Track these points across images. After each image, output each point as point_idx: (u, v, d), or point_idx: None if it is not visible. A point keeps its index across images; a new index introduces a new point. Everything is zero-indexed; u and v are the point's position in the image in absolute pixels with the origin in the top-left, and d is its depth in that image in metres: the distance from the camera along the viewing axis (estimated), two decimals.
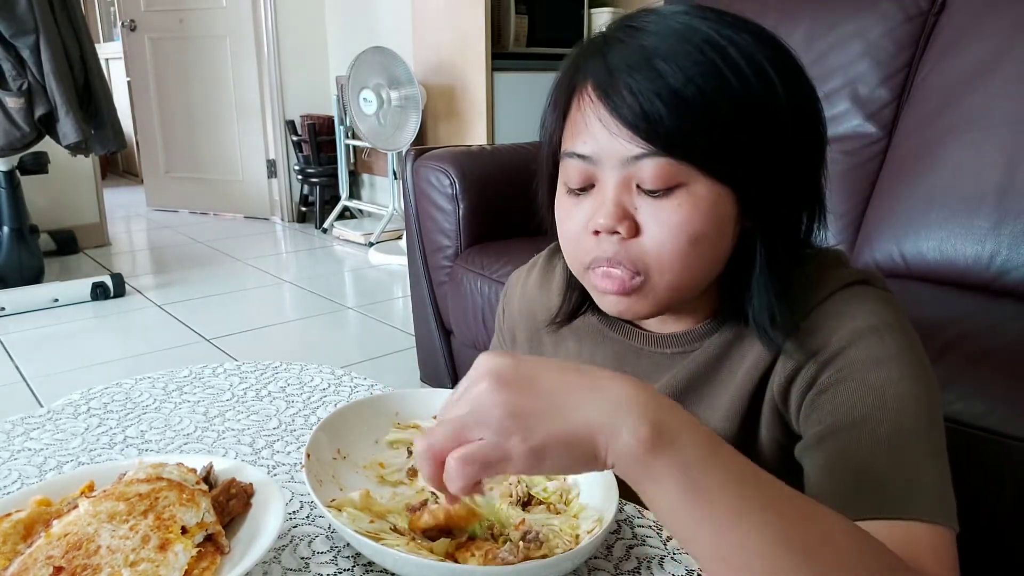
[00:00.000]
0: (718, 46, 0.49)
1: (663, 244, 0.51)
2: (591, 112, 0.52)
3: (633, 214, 0.52)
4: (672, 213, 0.51)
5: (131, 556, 0.46)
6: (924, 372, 0.51)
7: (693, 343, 0.60)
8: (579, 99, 0.53)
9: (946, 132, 1.32)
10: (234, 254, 3.53)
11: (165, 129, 4.43)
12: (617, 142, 0.50)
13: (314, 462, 0.60)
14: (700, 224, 0.51)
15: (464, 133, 3.35)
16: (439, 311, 1.72)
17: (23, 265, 2.76)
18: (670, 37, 0.50)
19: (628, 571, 0.53)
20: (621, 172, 0.51)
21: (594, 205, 0.53)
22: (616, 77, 0.50)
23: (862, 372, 0.51)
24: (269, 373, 0.88)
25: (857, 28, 1.49)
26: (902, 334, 0.52)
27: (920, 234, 1.30)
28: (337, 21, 4.11)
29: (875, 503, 0.46)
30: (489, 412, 0.38)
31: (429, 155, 1.67)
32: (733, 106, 0.49)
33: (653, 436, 0.38)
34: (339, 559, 0.54)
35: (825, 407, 0.51)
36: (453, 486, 0.38)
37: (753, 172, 0.51)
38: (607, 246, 0.53)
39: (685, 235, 0.51)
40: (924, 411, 0.49)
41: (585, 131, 0.52)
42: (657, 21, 0.51)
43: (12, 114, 2.41)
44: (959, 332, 0.98)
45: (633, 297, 0.54)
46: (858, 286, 0.55)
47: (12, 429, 0.74)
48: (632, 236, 0.52)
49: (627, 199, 0.52)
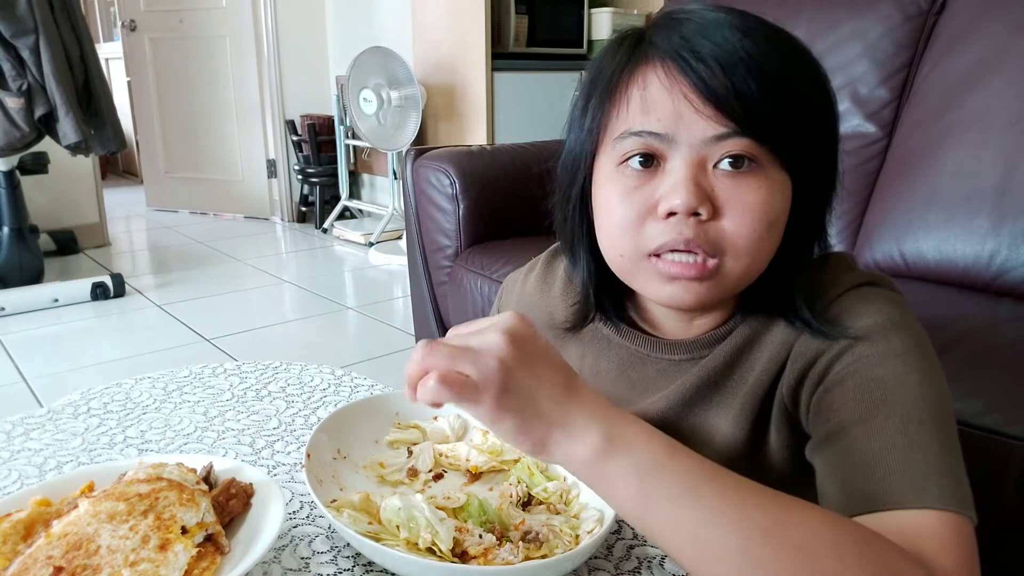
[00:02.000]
0: (781, 31, 0.49)
1: (744, 227, 0.49)
2: (667, 87, 0.48)
3: (711, 195, 0.49)
4: (753, 195, 0.49)
5: (131, 556, 0.46)
6: (932, 368, 0.50)
7: (703, 350, 0.59)
8: (644, 78, 0.50)
9: (946, 132, 1.32)
10: (234, 254, 3.53)
11: (165, 129, 4.43)
12: (698, 120, 0.48)
13: (314, 462, 0.60)
14: (777, 208, 0.50)
15: (464, 133, 3.35)
16: (439, 311, 1.72)
17: (23, 265, 2.76)
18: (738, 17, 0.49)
19: (628, 571, 0.53)
20: (699, 152, 0.49)
21: (662, 187, 0.50)
22: (701, 52, 0.47)
23: (868, 368, 0.50)
24: (269, 373, 0.88)
25: (857, 28, 1.49)
26: (909, 332, 0.51)
27: (920, 234, 1.30)
28: (337, 21, 4.11)
29: (883, 494, 0.45)
30: (488, 361, 0.41)
31: (429, 155, 1.67)
32: (809, 94, 0.49)
33: (604, 445, 0.41)
34: (339, 559, 0.54)
35: (833, 404, 0.51)
36: (423, 394, 0.41)
37: (814, 162, 0.51)
38: (684, 229, 0.49)
39: (766, 218, 0.49)
40: (933, 405, 0.48)
41: (658, 108, 0.49)
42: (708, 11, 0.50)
43: (12, 114, 2.41)
44: (959, 332, 0.98)
45: (707, 284, 0.51)
46: (867, 287, 0.55)
47: (12, 429, 0.74)
48: (712, 218, 0.49)
49: (703, 180, 0.49)
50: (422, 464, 0.65)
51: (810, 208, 0.53)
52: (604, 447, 0.41)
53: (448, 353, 0.41)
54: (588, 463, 0.42)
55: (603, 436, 0.41)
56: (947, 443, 0.47)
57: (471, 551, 0.52)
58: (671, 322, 0.60)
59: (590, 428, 0.42)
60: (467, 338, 0.43)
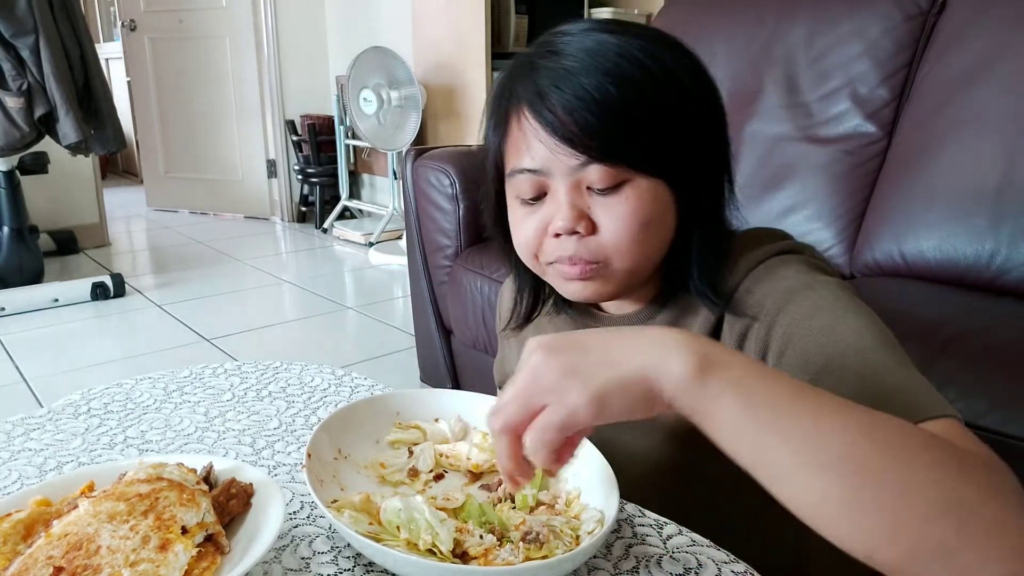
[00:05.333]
0: (629, 56, 0.55)
1: (619, 234, 0.57)
2: (530, 131, 0.57)
3: (588, 213, 0.58)
4: (622, 206, 0.57)
5: (131, 556, 0.46)
6: (860, 307, 0.55)
7: (644, 321, 0.67)
8: (517, 120, 0.59)
9: (946, 131, 1.32)
10: (234, 254, 3.53)
11: (165, 129, 4.43)
12: (560, 155, 0.56)
13: (315, 462, 0.60)
14: (648, 211, 0.57)
15: (464, 133, 3.35)
16: (439, 311, 1.72)
17: (23, 265, 2.76)
18: (585, 55, 0.56)
19: (627, 571, 0.53)
20: (571, 178, 0.57)
21: (549, 211, 0.59)
22: (547, 98, 0.56)
23: (807, 323, 0.54)
24: (269, 373, 0.88)
25: (857, 27, 1.49)
26: (827, 284, 0.57)
27: (920, 233, 1.30)
28: (337, 21, 4.11)
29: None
30: (548, 376, 0.42)
31: (429, 155, 1.67)
32: (652, 108, 0.55)
33: (701, 362, 0.41)
34: (340, 559, 0.54)
35: (794, 365, 0.54)
36: (538, 458, 0.42)
37: (679, 163, 0.58)
38: (568, 245, 0.58)
39: (637, 223, 0.57)
40: (877, 334, 0.52)
41: (529, 149, 0.58)
42: (571, 42, 0.57)
43: (12, 114, 2.41)
44: (959, 331, 0.98)
45: (597, 281, 0.60)
46: (776, 258, 0.61)
47: (12, 429, 0.74)
48: (590, 233, 0.58)
49: (580, 201, 0.58)
50: (423, 464, 0.65)
51: (699, 200, 0.60)
52: (701, 363, 0.41)
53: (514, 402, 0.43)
54: (690, 381, 0.40)
55: (697, 354, 0.41)
56: (903, 361, 0.51)
57: (471, 552, 0.52)
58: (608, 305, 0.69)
59: (677, 348, 0.41)
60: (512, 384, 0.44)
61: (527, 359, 0.44)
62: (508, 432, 0.44)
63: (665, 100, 0.56)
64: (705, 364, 0.41)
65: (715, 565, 0.53)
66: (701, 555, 0.54)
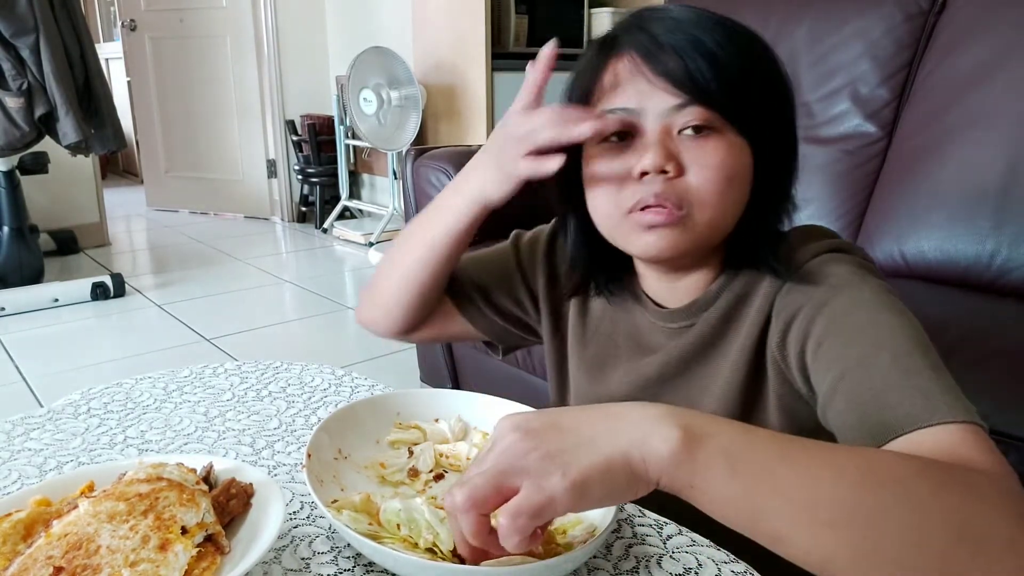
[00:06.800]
0: (734, 23, 0.59)
1: (706, 181, 0.57)
2: (634, 73, 0.58)
3: (677, 156, 0.57)
4: (711, 156, 0.57)
5: (131, 556, 0.46)
6: (903, 309, 0.56)
7: (696, 315, 0.66)
8: (616, 66, 0.60)
9: (947, 132, 1.32)
10: (234, 254, 3.53)
11: (165, 129, 4.43)
12: (660, 94, 0.57)
13: (315, 462, 0.60)
14: (734, 165, 0.58)
15: (464, 133, 3.35)
16: None
17: (23, 265, 2.76)
18: (694, 14, 0.58)
19: (627, 571, 0.53)
20: (663, 120, 0.57)
21: (636, 153, 0.58)
22: (661, 42, 0.57)
23: (848, 319, 0.55)
24: (269, 373, 0.88)
25: (858, 28, 1.49)
26: (873, 283, 0.58)
27: (921, 234, 1.30)
28: (337, 21, 4.11)
29: (901, 418, 0.47)
30: (524, 459, 0.40)
31: (429, 155, 1.66)
32: (754, 65, 0.58)
33: (686, 436, 0.39)
34: (340, 559, 0.54)
35: (829, 357, 0.55)
36: (510, 543, 0.39)
37: (767, 128, 0.59)
38: (655, 185, 0.57)
39: (723, 175, 0.57)
40: (912, 337, 0.53)
41: (629, 88, 0.58)
42: (675, 9, 0.59)
43: (12, 114, 2.41)
44: (961, 333, 0.98)
45: (678, 229, 0.58)
46: (831, 254, 0.61)
47: (12, 429, 0.74)
48: (678, 175, 0.57)
49: (671, 144, 0.58)
50: (423, 464, 0.65)
51: (772, 174, 0.61)
52: (686, 438, 0.39)
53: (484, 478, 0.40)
54: (677, 457, 0.39)
55: (680, 428, 0.39)
56: (935, 366, 0.50)
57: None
58: (663, 290, 0.68)
59: (660, 425, 0.40)
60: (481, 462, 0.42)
61: (499, 439, 0.42)
62: (473, 509, 0.40)
63: (764, 65, 0.59)
64: (689, 438, 0.39)
65: (715, 565, 0.53)
66: (701, 555, 0.54)
